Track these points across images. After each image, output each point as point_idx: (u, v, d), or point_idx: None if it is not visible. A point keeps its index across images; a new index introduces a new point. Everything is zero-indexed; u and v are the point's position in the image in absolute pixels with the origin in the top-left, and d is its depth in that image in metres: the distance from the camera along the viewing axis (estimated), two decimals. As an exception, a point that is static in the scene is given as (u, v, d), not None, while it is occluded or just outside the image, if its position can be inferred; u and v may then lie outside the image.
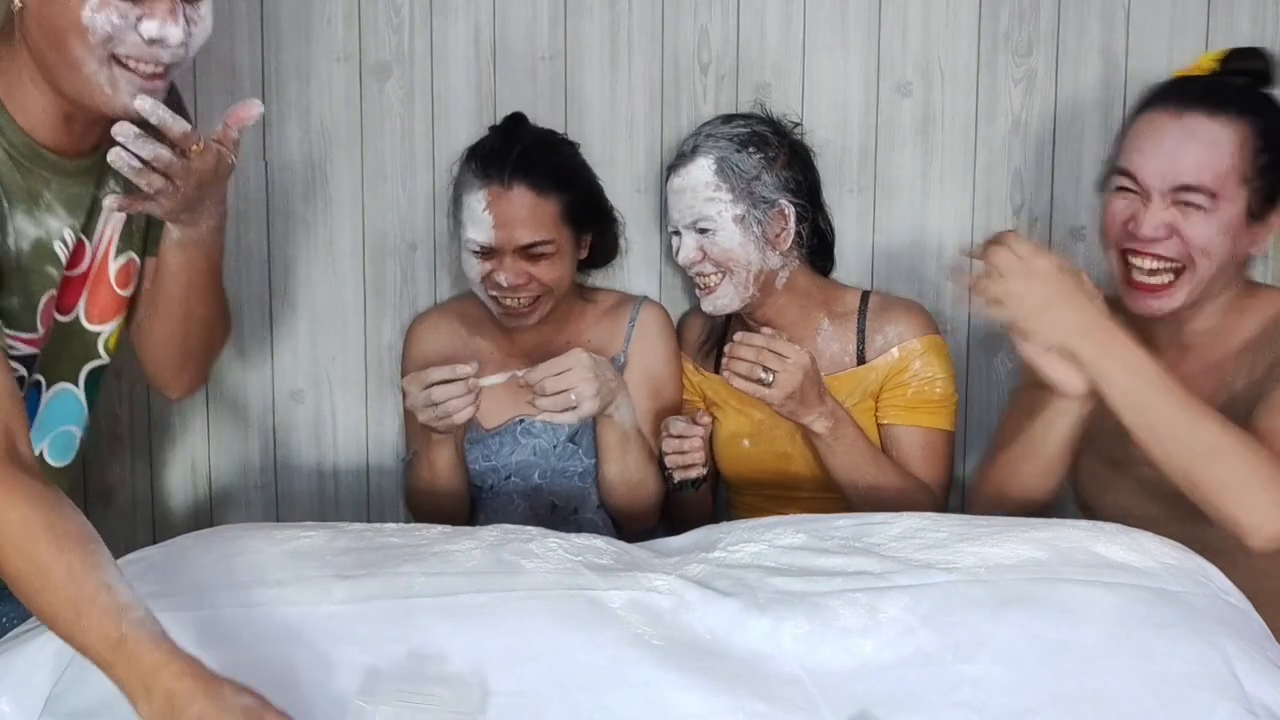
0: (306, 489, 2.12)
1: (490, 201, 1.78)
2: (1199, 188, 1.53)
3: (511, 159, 1.78)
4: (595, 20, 2.03)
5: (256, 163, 2.05)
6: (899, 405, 1.84)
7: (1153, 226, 1.54)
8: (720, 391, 1.92)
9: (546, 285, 1.82)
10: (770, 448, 1.87)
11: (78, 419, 1.58)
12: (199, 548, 1.42)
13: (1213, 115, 1.54)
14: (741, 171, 1.80)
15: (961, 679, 1.19)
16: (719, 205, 1.80)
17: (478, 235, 1.79)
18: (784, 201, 1.82)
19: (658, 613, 1.28)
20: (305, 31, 2.03)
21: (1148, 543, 1.40)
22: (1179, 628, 1.24)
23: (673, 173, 1.85)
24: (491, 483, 1.90)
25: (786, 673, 1.21)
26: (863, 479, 1.76)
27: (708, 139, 1.83)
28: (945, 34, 2.01)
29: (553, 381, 1.69)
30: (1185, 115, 1.55)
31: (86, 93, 1.35)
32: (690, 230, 1.83)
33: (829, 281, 1.94)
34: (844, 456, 1.75)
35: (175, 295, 1.54)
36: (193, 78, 2.02)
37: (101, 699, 1.17)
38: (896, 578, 1.31)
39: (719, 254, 1.81)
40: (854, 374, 1.85)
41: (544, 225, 1.79)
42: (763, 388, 1.67)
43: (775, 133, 1.86)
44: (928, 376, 1.83)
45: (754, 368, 1.67)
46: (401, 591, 1.29)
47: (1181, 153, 1.54)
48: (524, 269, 1.79)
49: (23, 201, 1.40)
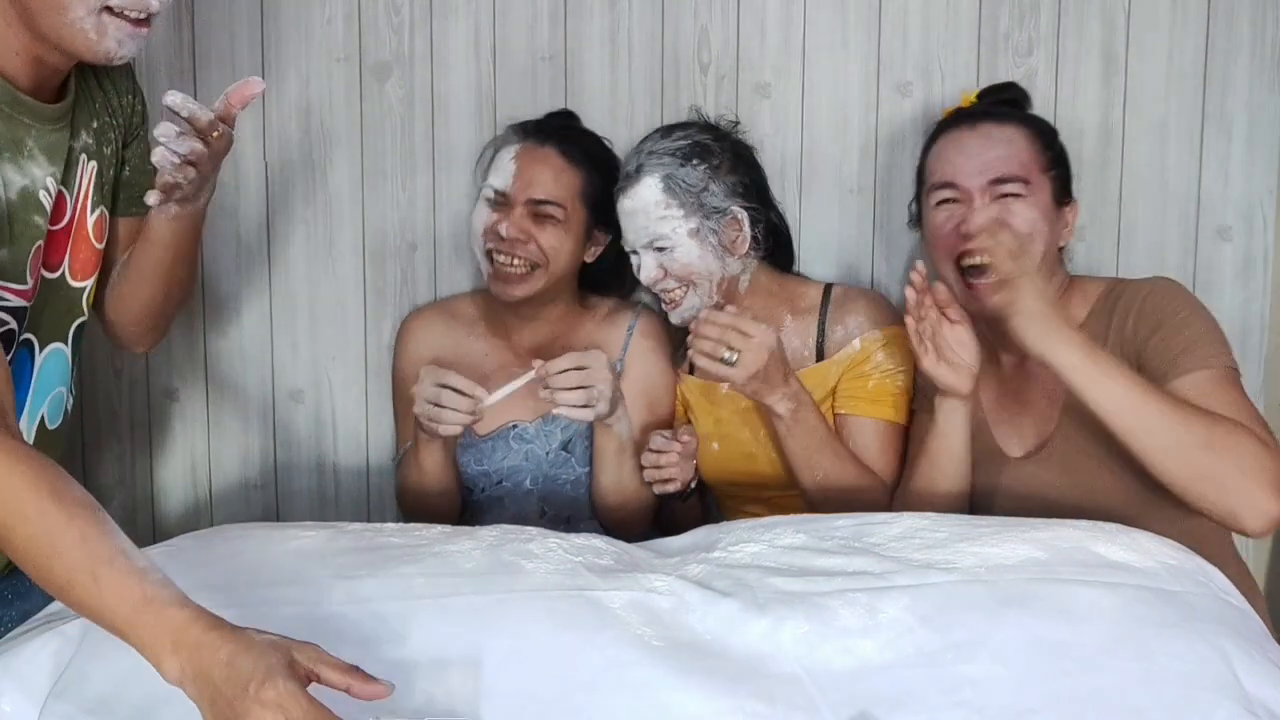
0: (306, 489, 2.12)
1: (520, 154, 1.84)
2: (1013, 177, 1.68)
3: (552, 127, 1.89)
4: (595, 20, 2.03)
5: (257, 163, 2.05)
6: (859, 396, 1.82)
7: (985, 218, 1.67)
8: (693, 393, 1.93)
9: (544, 253, 1.82)
10: (736, 448, 1.86)
11: (65, 379, 1.57)
12: (199, 548, 1.42)
13: (1000, 123, 1.73)
14: (688, 186, 1.79)
15: (961, 679, 1.19)
16: (672, 223, 1.79)
17: (496, 181, 1.84)
18: (735, 208, 1.81)
19: (657, 613, 1.28)
20: (305, 31, 2.03)
21: (1147, 543, 1.40)
22: (1179, 628, 1.24)
23: (621, 194, 1.83)
24: (483, 486, 1.89)
25: (786, 673, 1.21)
26: (819, 465, 1.74)
27: (649, 156, 1.81)
28: (945, 34, 2.01)
29: (574, 376, 1.68)
30: (978, 127, 1.73)
31: (69, 37, 1.36)
32: (648, 250, 1.82)
33: (791, 277, 1.94)
34: (803, 439, 1.73)
35: (163, 261, 1.56)
36: (193, 77, 2.03)
37: (101, 698, 1.17)
38: (896, 578, 1.31)
39: (680, 270, 1.80)
40: (814, 370, 1.84)
41: (561, 188, 1.83)
42: (726, 367, 1.65)
43: (716, 139, 1.85)
44: (890, 369, 1.82)
45: (718, 346, 1.66)
46: (401, 592, 1.29)
47: (988, 153, 1.70)
48: (527, 226, 1.81)
49: (8, 149, 1.40)
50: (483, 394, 1.67)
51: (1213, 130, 2.01)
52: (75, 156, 1.47)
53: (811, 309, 1.88)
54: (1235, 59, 2.00)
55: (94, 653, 1.21)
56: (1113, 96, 2.01)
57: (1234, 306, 2.03)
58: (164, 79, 2.01)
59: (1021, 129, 1.73)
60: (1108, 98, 2.01)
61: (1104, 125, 2.01)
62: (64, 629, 1.23)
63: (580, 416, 1.72)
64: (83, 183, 1.50)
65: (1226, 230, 2.03)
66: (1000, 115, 1.75)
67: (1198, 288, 2.03)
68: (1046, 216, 1.68)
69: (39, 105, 1.42)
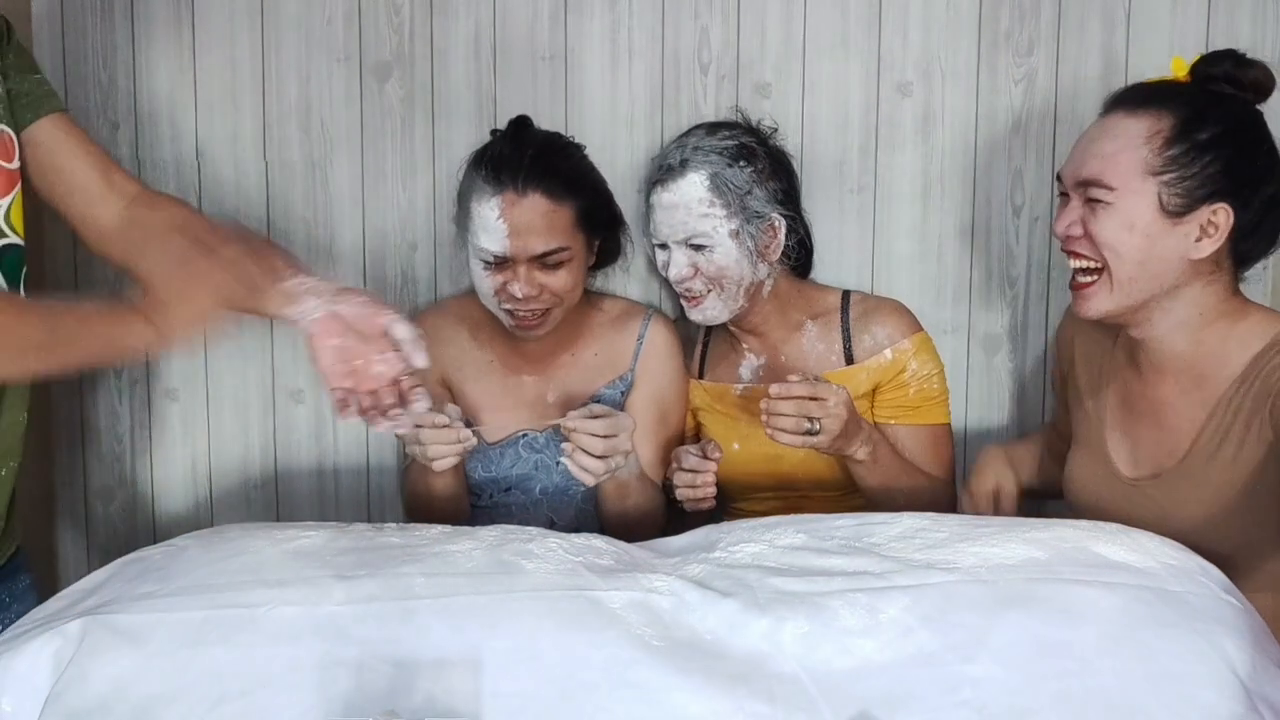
0: (306, 489, 2.12)
1: (504, 209, 1.72)
2: (1096, 181, 1.52)
3: (524, 165, 1.73)
4: (595, 20, 2.03)
5: (257, 163, 2.05)
6: (903, 405, 1.84)
7: (1064, 224, 1.56)
8: (705, 397, 1.92)
9: (558, 295, 1.78)
10: (760, 449, 1.85)
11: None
12: (199, 548, 1.42)
13: (1131, 112, 1.53)
14: (735, 187, 1.79)
15: (962, 679, 1.19)
16: (714, 221, 1.78)
17: (491, 245, 1.73)
18: (775, 215, 1.81)
19: (658, 613, 1.28)
20: (305, 31, 2.03)
21: (1148, 542, 1.40)
22: (1179, 628, 1.24)
23: (660, 186, 1.82)
24: (490, 493, 1.88)
25: (786, 673, 1.21)
26: (898, 492, 1.76)
27: (695, 152, 1.80)
28: (945, 34, 2.01)
29: (599, 444, 1.62)
30: (1110, 115, 1.56)
31: None
32: (681, 246, 1.81)
33: (807, 283, 1.94)
34: (881, 475, 1.76)
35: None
36: (193, 77, 2.03)
37: (101, 699, 1.17)
38: (896, 578, 1.31)
39: (713, 271, 1.80)
40: (844, 373, 1.85)
41: (559, 233, 1.75)
42: (811, 437, 1.65)
43: (759, 142, 1.85)
44: (925, 374, 1.84)
45: (799, 421, 1.64)
46: (402, 592, 1.29)
47: (1091, 149, 1.54)
48: (538, 279, 1.75)
49: None
50: (466, 434, 1.63)
51: (1213, 130, 2.01)
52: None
53: (831, 313, 1.89)
54: (1235, 59, 2.00)
55: (94, 653, 1.21)
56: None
57: (1234, 306, 2.03)
58: (164, 79, 2.01)
59: (1147, 121, 1.50)
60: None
61: (1104, 125, 2.01)
62: (64, 629, 1.23)
63: (587, 480, 1.65)
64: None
65: (1227, 230, 2.03)
66: (1142, 101, 1.53)
67: (1198, 288, 2.03)
68: (1141, 228, 1.50)
69: None
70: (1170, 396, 1.58)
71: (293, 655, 1.21)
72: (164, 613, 1.26)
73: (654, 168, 1.86)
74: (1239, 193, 1.49)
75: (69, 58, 2.01)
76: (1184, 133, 1.49)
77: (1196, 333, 1.55)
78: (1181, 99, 1.52)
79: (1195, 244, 1.50)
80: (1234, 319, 1.55)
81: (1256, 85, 1.53)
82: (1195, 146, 1.49)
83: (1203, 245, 1.50)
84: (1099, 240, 1.52)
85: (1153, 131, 1.50)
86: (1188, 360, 1.56)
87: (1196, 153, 1.48)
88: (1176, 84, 1.56)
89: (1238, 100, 1.53)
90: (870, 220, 2.06)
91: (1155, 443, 1.59)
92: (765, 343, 1.91)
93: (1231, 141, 1.49)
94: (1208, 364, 1.55)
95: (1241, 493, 1.50)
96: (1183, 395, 1.56)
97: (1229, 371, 1.52)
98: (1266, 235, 1.54)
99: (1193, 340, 1.55)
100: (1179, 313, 1.55)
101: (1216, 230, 1.49)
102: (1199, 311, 1.54)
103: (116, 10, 2.04)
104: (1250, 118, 1.53)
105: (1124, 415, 1.65)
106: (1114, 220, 1.51)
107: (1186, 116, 1.50)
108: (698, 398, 1.94)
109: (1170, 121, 1.50)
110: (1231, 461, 1.51)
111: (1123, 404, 1.65)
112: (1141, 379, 1.62)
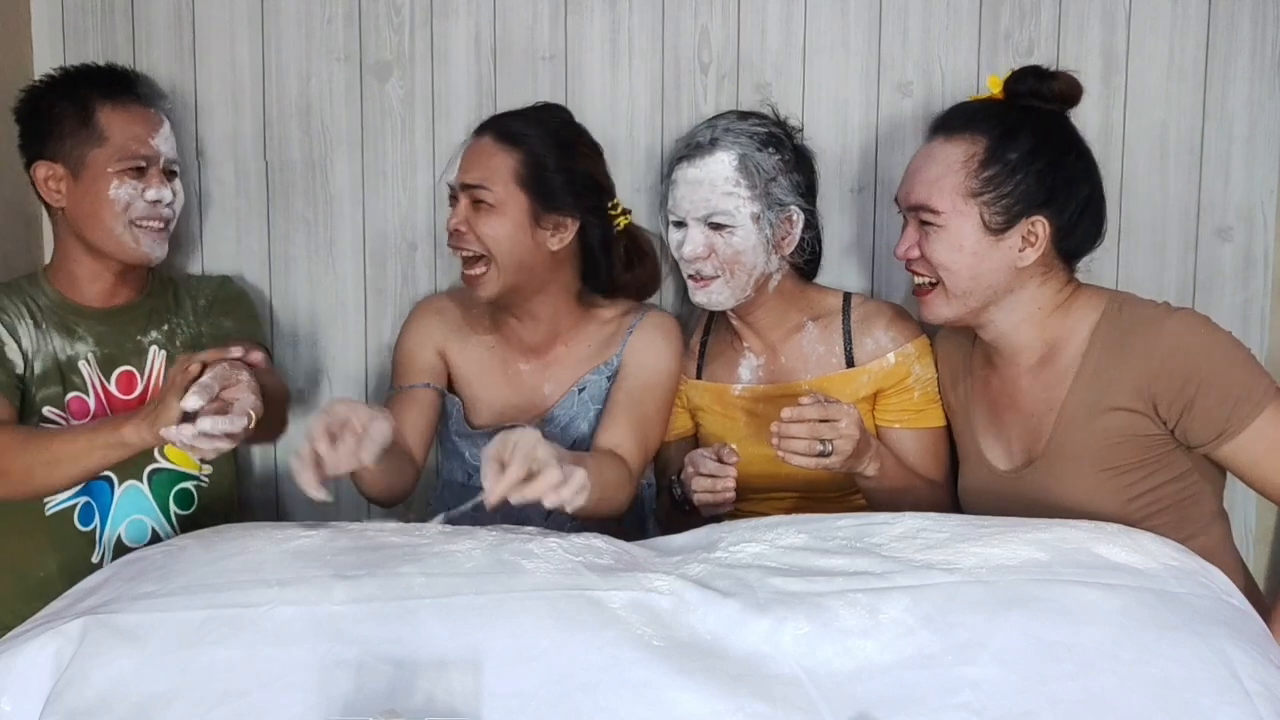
0: (306, 489, 2.12)
1: (468, 146, 1.83)
2: (924, 206, 1.63)
3: (506, 116, 1.85)
4: (595, 20, 2.03)
5: (257, 163, 2.05)
6: (908, 410, 1.84)
7: (903, 248, 1.68)
8: (703, 397, 1.92)
9: (482, 242, 1.77)
10: (759, 450, 1.83)
11: (149, 512, 1.86)
12: (199, 547, 1.42)
13: (949, 137, 1.64)
14: (763, 171, 1.79)
15: (962, 680, 1.19)
16: (737, 201, 1.78)
17: (449, 175, 1.85)
18: (795, 207, 1.81)
19: (658, 613, 1.28)
20: (305, 31, 2.03)
21: (1149, 544, 1.40)
22: (1180, 630, 1.24)
23: (686, 162, 1.81)
24: (478, 480, 1.87)
25: (787, 673, 1.21)
26: (904, 500, 1.75)
27: (726, 133, 1.80)
28: (945, 34, 2.01)
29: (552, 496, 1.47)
30: (932, 140, 1.66)
31: (113, 247, 1.78)
32: (700, 224, 1.80)
33: (809, 284, 1.94)
34: (888, 485, 1.76)
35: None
36: (193, 77, 2.03)
37: (101, 699, 1.17)
38: (897, 578, 1.31)
39: (729, 254, 1.79)
40: (845, 376, 1.85)
41: (490, 173, 1.78)
42: (823, 458, 1.64)
43: (785, 135, 1.85)
44: (927, 378, 1.84)
45: (811, 444, 1.63)
46: (401, 592, 1.29)
47: (919, 175, 1.65)
48: (468, 216, 1.79)
49: (60, 331, 1.81)
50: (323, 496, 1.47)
51: (1213, 131, 2.01)
52: (145, 346, 1.86)
53: (832, 315, 1.89)
54: (1235, 59, 2.00)
55: (94, 653, 1.21)
56: (1113, 96, 2.01)
57: (1234, 306, 2.03)
58: (164, 79, 2.01)
59: (964, 145, 1.61)
60: (1108, 98, 2.01)
61: (1104, 125, 2.01)
62: (64, 629, 1.23)
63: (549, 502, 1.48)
64: (153, 367, 1.85)
65: (1227, 230, 2.03)
66: (959, 126, 1.63)
67: (1198, 288, 2.03)
68: (973, 247, 1.60)
69: (90, 309, 1.83)
70: (1026, 382, 1.67)
71: (293, 655, 1.21)
72: (164, 612, 1.26)
73: (680, 145, 1.86)
74: (1054, 200, 1.61)
75: (69, 58, 2.01)
76: (996, 154, 1.60)
77: (1040, 324, 1.66)
78: (993, 120, 1.62)
79: (1020, 254, 1.62)
80: (1069, 304, 1.66)
81: (1063, 96, 1.64)
82: (1008, 166, 1.60)
83: (1026, 254, 1.62)
84: (933, 261, 1.64)
85: (969, 155, 1.61)
86: (1035, 349, 1.66)
87: (1009, 173, 1.60)
88: (991, 103, 1.66)
89: (1047, 113, 1.64)
90: (870, 220, 2.06)
91: (1024, 431, 1.68)
92: (765, 343, 1.90)
93: (1042, 154, 1.60)
94: (1054, 346, 1.65)
95: (1115, 453, 1.58)
96: (1036, 379, 1.66)
97: (1074, 348, 1.63)
98: (1089, 231, 1.65)
99: (1037, 330, 1.66)
100: (1020, 311, 1.65)
101: (1037, 240, 1.61)
102: (1038, 307, 1.65)
103: (116, 10, 2.04)
104: (1058, 126, 1.64)
105: (990, 413, 1.73)
106: (944, 242, 1.62)
107: (999, 135, 1.61)
108: (697, 398, 1.93)
109: (984, 144, 1.61)
110: (1101, 430, 1.58)
111: (987, 403, 1.74)
112: (999, 374, 1.71)
